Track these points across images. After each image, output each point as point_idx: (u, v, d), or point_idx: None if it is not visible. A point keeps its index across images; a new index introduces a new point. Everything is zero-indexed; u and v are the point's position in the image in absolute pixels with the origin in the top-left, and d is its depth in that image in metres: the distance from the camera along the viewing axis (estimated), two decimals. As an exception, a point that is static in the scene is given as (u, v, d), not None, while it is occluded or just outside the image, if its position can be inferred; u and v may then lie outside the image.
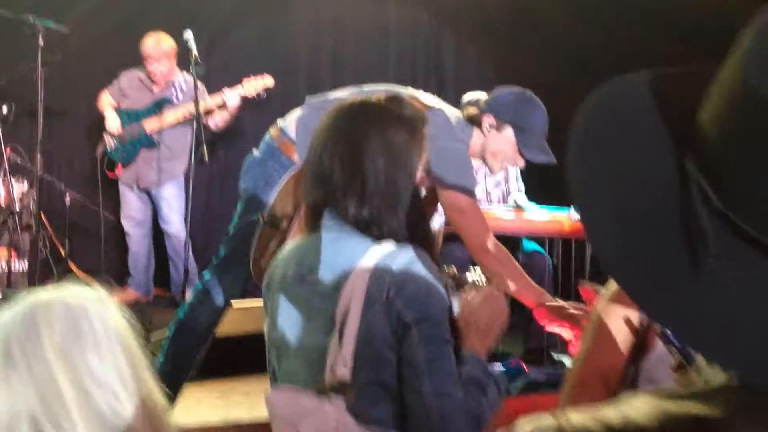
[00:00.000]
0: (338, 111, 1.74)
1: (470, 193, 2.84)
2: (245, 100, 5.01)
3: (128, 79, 5.20)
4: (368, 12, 5.92)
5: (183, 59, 4.82)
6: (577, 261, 4.08)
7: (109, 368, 1.07)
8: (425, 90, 3.05)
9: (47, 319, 1.07)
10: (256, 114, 5.27)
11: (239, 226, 3.00)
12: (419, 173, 1.73)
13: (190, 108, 4.69)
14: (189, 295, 3.26)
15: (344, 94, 2.94)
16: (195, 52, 4.19)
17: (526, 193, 4.32)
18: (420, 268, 1.60)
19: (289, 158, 2.90)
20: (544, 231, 3.95)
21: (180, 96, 5.09)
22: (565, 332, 2.52)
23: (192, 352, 3.10)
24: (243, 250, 2.85)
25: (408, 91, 2.94)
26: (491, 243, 2.80)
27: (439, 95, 3.08)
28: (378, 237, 1.65)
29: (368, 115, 1.71)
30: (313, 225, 1.74)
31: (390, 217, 1.66)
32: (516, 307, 2.68)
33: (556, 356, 3.64)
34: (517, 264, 2.84)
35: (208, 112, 5.00)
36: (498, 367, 2.81)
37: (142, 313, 4.34)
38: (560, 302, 2.63)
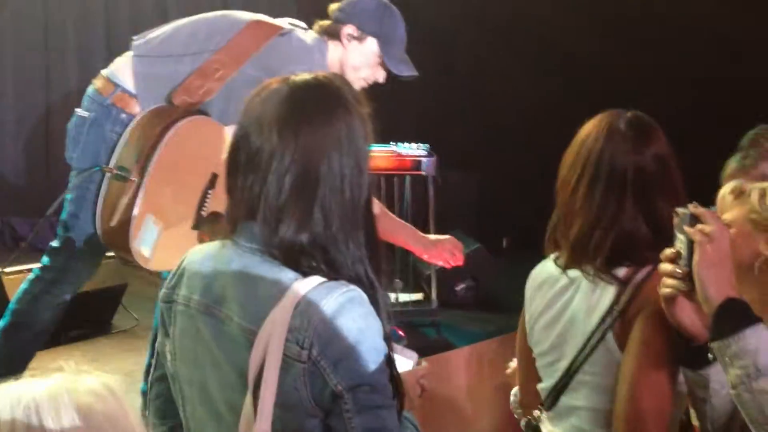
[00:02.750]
0: (279, 91, 1.32)
1: None
2: None
3: None
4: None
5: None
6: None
7: None
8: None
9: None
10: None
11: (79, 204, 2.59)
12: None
13: None
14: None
15: (169, 29, 2.65)
16: None
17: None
18: (355, 316, 1.26)
19: (130, 114, 2.54)
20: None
21: None
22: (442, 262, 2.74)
23: (24, 353, 2.70)
24: (87, 231, 2.56)
25: (249, 16, 2.68)
26: None
27: None
28: (307, 272, 1.29)
29: (327, 99, 1.32)
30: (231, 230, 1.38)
31: (342, 247, 1.29)
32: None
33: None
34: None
35: None
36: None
37: None
38: (428, 236, 2.80)
